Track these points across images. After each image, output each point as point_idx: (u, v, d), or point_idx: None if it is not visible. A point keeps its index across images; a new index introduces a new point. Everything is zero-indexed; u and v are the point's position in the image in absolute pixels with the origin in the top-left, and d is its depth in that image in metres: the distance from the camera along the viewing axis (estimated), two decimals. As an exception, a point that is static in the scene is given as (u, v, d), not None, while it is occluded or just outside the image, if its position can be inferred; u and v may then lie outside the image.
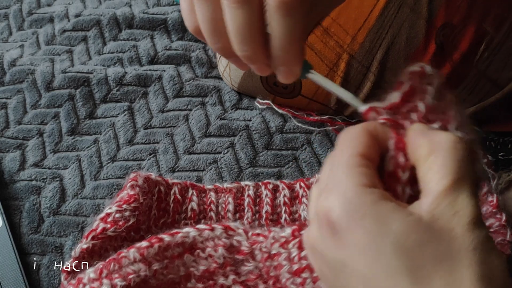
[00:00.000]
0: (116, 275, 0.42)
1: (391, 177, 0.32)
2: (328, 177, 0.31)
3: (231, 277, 0.45)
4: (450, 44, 0.56)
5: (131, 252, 0.43)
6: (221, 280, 0.45)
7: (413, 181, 0.31)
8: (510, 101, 0.59)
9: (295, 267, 0.42)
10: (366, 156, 0.31)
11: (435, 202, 0.28)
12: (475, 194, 0.29)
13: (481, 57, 0.56)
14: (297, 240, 0.42)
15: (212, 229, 0.45)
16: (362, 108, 0.34)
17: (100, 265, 0.43)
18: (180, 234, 0.44)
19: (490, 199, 0.49)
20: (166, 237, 0.44)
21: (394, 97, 0.34)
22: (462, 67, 0.57)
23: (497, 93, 0.59)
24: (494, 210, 0.48)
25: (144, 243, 0.43)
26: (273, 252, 0.43)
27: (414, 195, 0.31)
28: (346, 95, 0.36)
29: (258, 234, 0.44)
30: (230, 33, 0.32)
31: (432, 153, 0.30)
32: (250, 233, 0.45)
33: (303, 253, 0.42)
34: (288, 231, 0.43)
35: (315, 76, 0.36)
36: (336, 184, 0.29)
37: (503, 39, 0.55)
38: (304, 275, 0.42)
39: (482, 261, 0.27)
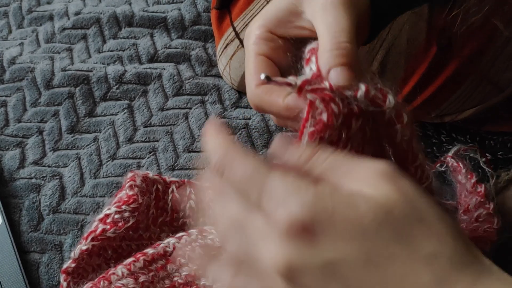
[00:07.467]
0: None
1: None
2: (270, 192, 0.30)
3: None
4: (450, 47, 0.56)
5: (119, 269, 0.45)
6: (203, 282, 0.46)
7: None
8: (510, 102, 0.59)
9: None
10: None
11: None
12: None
13: (484, 59, 0.56)
14: None
15: (189, 234, 0.47)
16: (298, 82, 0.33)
17: (90, 284, 0.45)
18: (161, 245, 0.47)
19: (478, 189, 0.49)
20: (149, 250, 0.46)
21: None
22: (464, 69, 0.57)
23: (498, 95, 0.59)
24: (482, 200, 0.49)
25: (130, 259, 0.46)
26: None
27: None
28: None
29: None
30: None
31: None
32: None
33: None
34: None
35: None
36: (284, 194, 0.29)
37: (505, 41, 0.55)
38: None
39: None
